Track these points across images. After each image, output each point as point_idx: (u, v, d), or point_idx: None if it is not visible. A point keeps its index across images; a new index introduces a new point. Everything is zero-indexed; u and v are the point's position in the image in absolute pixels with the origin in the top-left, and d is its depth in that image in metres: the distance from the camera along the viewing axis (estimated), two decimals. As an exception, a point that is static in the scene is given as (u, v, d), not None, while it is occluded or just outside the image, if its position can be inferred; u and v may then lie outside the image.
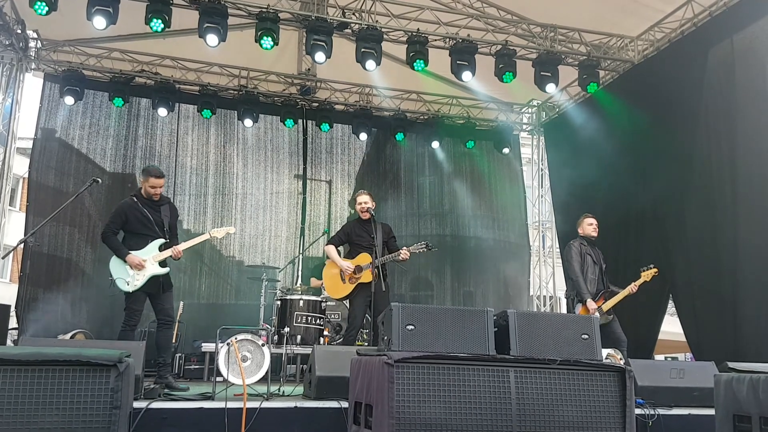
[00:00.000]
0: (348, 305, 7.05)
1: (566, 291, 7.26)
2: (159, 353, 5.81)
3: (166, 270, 5.75)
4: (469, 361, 3.58)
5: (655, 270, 7.00)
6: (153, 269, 5.67)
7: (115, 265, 5.65)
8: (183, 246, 5.87)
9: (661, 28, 8.93)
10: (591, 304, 6.83)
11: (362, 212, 6.84)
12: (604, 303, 6.90)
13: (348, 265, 6.71)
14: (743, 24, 7.40)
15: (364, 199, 6.88)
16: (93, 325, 8.97)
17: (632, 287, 6.93)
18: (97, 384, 3.41)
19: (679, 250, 8.09)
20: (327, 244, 7.09)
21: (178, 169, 10.73)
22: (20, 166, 11.83)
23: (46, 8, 7.28)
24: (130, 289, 5.59)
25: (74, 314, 9.41)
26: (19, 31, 9.44)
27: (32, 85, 10.47)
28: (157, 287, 5.75)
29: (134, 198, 5.85)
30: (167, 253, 5.75)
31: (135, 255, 5.62)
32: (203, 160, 10.97)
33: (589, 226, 7.27)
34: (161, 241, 5.78)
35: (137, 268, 5.59)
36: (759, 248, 6.90)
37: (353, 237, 6.88)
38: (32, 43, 9.93)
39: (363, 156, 11.90)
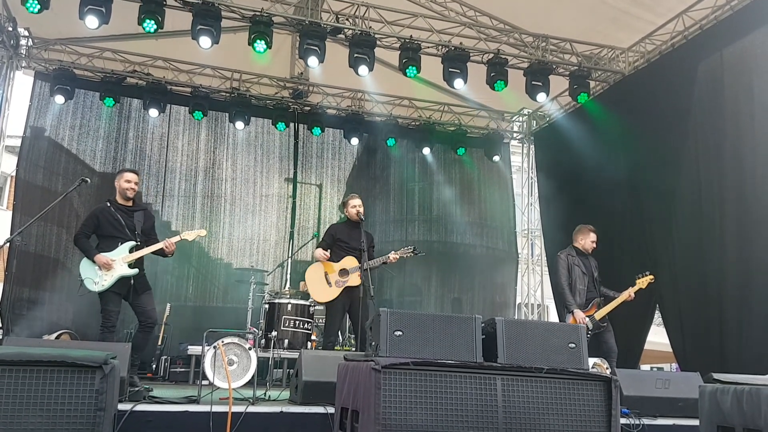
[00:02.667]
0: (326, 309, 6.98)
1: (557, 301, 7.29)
2: (132, 351, 5.80)
3: (134, 271, 5.81)
4: (457, 368, 3.58)
5: (651, 276, 7.02)
6: (121, 270, 5.75)
7: (84, 266, 5.78)
8: (157, 246, 5.95)
9: (651, 41, 9.00)
10: (579, 315, 6.85)
11: (355, 216, 6.80)
12: (596, 311, 6.93)
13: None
14: (733, 38, 7.48)
15: (359, 203, 6.87)
16: (78, 326, 8.88)
17: (629, 293, 6.95)
18: (82, 385, 3.39)
19: (665, 261, 8.14)
20: (317, 249, 7.03)
21: (167, 172, 10.70)
22: (8, 164, 11.74)
23: (38, 6, 7.25)
24: (97, 289, 5.69)
25: (60, 315, 9.32)
26: (10, 29, 9.39)
27: (22, 83, 10.41)
28: (127, 289, 5.81)
29: (108, 203, 6.01)
30: (138, 254, 5.86)
31: (104, 255, 5.74)
32: (193, 163, 10.92)
33: (592, 243, 7.24)
34: (132, 243, 5.87)
35: (105, 268, 5.70)
36: (745, 260, 6.96)
37: (338, 239, 6.83)
38: (23, 41, 9.87)
39: (354, 161, 11.90)
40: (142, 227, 6.00)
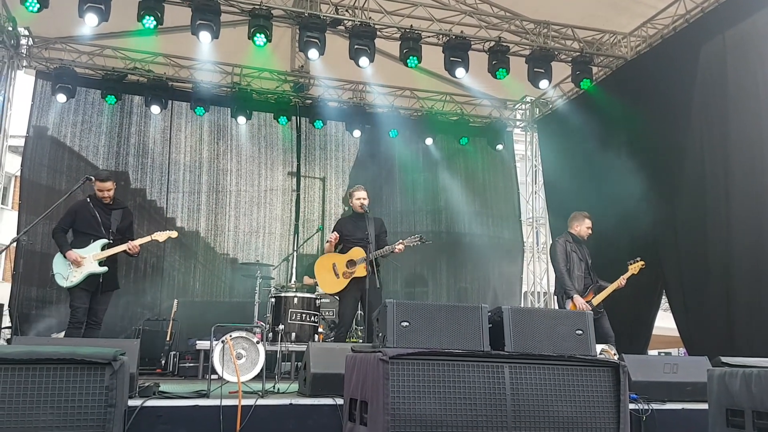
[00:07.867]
0: (339, 301, 7.05)
1: (555, 288, 7.29)
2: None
3: (103, 269, 5.94)
4: (464, 357, 3.58)
5: (642, 263, 7.03)
6: (91, 267, 5.88)
7: (57, 261, 5.91)
8: (122, 247, 6.05)
9: (653, 25, 8.95)
10: (578, 300, 6.85)
11: (359, 207, 6.81)
12: (593, 298, 6.94)
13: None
14: (735, 20, 7.43)
15: (363, 195, 6.87)
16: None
17: (620, 281, 6.97)
18: (91, 382, 3.40)
19: (671, 246, 8.13)
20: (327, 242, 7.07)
21: (171, 166, 10.74)
22: (12, 164, 11.77)
23: (38, 5, 7.24)
24: (66, 284, 5.83)
25: (68, 312, 9.33)
26: (10, 29, 9.39)
27: (24, 82, 10.43)
28: (95, 286, 5.94)
29: (88, 199, 6.18)
30: (108, 253, 5.97)
31: (75, 251, 5.85)
32: (197, 157, 10.95)
33: (587, 229, 7.25)
34: (104, 241, 6.00)
35: (75, 265, 5.82)
36: (750, 244, 6.94)
37: (345, 232, 6.84)
38: (24, 41, 9.88)
39: (357, 153, 11.89)
40: (118, 226, 6.12)
